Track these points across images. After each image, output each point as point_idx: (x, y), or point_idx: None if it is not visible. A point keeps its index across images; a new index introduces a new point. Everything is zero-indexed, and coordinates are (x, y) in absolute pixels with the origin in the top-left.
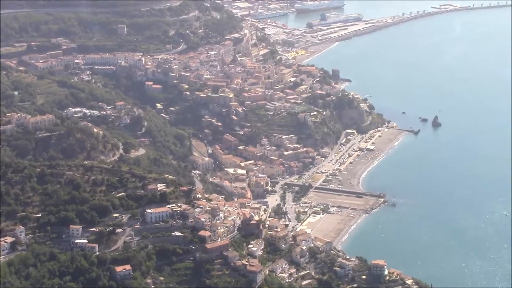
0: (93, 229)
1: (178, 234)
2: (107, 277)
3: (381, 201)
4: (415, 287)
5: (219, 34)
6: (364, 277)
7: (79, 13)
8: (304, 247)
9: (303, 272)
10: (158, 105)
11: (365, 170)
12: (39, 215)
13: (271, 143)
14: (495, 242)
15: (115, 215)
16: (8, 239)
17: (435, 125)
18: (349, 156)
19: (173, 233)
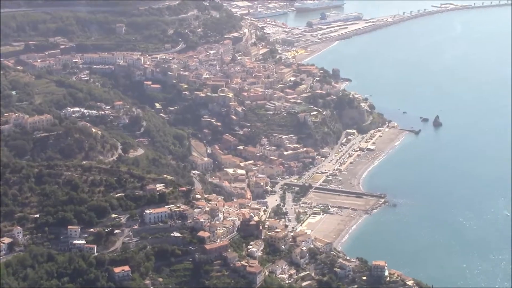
0: (92, 229)
1: (177, 234)
2: (106, 278)
3: (381, 201)
4: None
5: (218, 33)
6: (364, 278)
7: (77, 12)
8: (304, 248)
9: (303, 273)
10: (157, 104)
11: (365, 170)
12: (37, 215)
13: (270, 143)
14: (496, 243)
15: (113, 215)
16: (5, 240)
17: (436, 125)
18: (350, 156)
19: (172, 234)
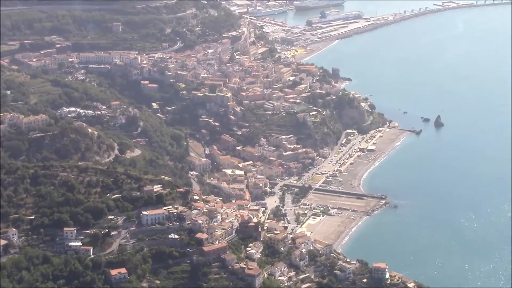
0: (88, 231)
1: (175, 236)
2: (102, 280)
3: (382, 202)
4: None
5: (216, 32)
6: (365, 280)
7: (73, 10)
8: (303, 250)
9: (302, 275)
10: (154, 104)
11: (366, 171)
12: (32, 217)
13: (269, 144)
14: (497, 243)
15: (110, 217)
16: (0, 241)
17: (437, 125)
18: (350, 156)
19: (169, 236)
